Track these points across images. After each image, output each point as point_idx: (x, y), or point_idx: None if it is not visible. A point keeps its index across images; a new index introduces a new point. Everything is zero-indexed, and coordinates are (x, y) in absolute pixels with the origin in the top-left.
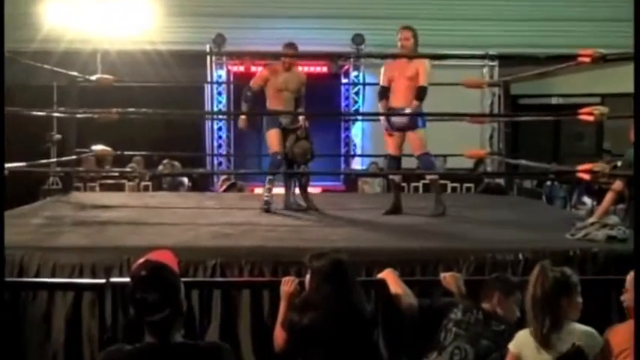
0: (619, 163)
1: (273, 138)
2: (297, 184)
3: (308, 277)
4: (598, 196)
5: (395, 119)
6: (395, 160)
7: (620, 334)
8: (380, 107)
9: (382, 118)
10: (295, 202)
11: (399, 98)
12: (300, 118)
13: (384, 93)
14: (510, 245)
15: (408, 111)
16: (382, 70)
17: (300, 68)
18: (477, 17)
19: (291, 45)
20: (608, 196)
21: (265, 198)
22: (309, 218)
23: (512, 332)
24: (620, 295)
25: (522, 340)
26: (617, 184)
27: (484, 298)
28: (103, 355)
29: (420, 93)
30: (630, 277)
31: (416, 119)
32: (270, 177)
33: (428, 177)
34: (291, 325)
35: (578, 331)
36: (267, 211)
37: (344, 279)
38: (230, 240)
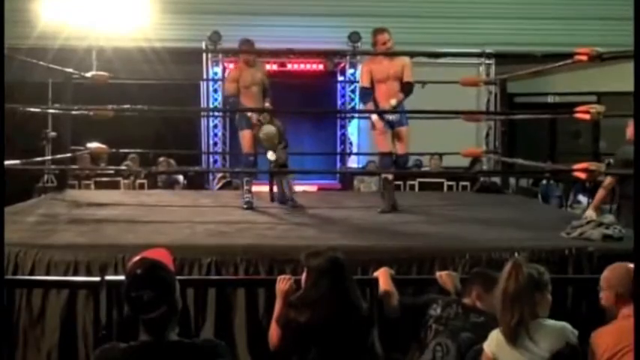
0: (611, 161)
1: (245, 139)
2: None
3: (304, 275)
4: (593, 194)
5: (388, 116)
6: (389, 158)
7: (606, 337)
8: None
9: (373, 117)
10: (291, 198)
11: (392, 97)
12: (266, 104)
13: (369, 94)
14: (506, 244)
15: (394, 101)
16: (362, 70)
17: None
18: (473, 15)
19: (247, 41)
20: (600, 193)
21: (246, 198)
22: (304, 216)
23: (493, 323)
24: None
25: (497, 341)
26: (608, 181)
27: (464, 294)
28: (98, 353)
29: (408, 88)
30: (605, 275)
31: (405, 115)
32: (247, 178)
33: (385, 175)
34: (287, 323)
35: (550, 326)
36: (250, 209)
37: (340, 277)
38: (225, 238)
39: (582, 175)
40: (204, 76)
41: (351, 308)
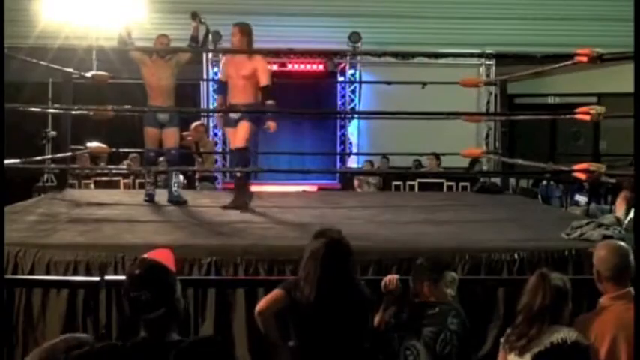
0: None
1: (147, 135)
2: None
3: (305, 256)
4: (592, 195)
5: (232, 115)
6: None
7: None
8: (217, 102)
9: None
10: (179, 195)
11: (237, 95)
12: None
13: (222, 88)
14: (506, 244)
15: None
16: (221, 65)
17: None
18: (473, 16)
19: (164, 36)
20: None
21: (148, 191)
22: (304, 216)
23: (448, 309)
24: None
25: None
26: None
27: (416, 293)
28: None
29: (268, 93)
30: (594, 252)
31: (246, 115)
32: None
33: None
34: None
35: (561, 330)
36: (151, 202)
37: (332, 259)
38: (225, 238)
39: (582, 176)
40: (204, 76)
41: (351, 291)
